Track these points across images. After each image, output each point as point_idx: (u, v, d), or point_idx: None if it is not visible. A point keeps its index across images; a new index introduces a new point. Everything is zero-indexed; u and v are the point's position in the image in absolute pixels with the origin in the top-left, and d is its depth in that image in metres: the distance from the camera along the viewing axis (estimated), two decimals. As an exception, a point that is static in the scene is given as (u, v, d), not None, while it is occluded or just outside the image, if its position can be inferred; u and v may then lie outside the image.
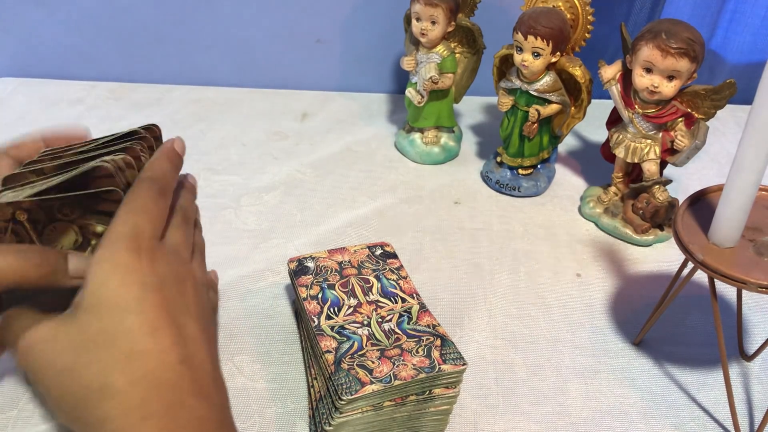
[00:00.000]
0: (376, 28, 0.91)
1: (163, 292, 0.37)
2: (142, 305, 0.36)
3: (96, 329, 0.35)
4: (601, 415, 0.52)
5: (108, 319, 0.36)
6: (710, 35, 0.88)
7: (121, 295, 0.36)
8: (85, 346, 0.35)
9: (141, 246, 0.37)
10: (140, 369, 0.35)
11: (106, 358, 0.35)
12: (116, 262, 0.36)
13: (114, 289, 0.36)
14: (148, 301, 0.36)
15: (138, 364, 0.35)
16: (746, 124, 0.42)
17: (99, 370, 0.35)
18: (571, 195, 0.77)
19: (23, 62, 0.95)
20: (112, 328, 0.35)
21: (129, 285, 0.36)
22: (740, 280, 0.44)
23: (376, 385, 0.44)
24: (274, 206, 0.73)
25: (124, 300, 0.36)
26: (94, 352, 0.35)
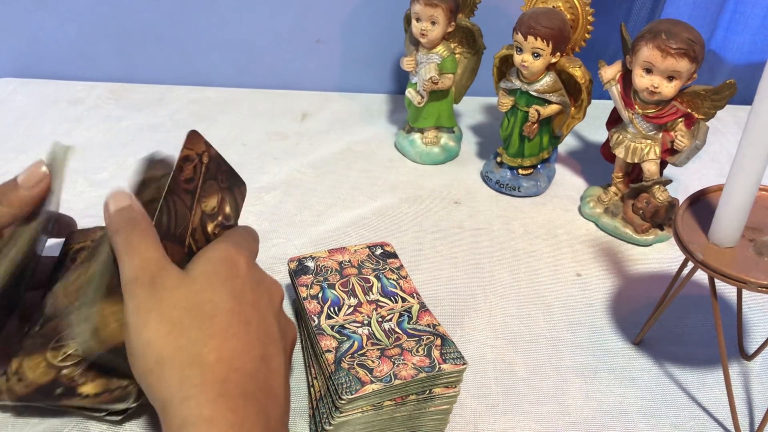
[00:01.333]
0: (376, 28, 0.91)
1: (256, 294, 0.42)
2: (240, 295, 0.41)
3: (206, 297, 0.40)
4: (601, 415, 0.52)
5: (217, 295, 0.40)
6: (710, 35, 0.88)
7: (230, 280, 0.41)
8: (194, 307, 0.39)
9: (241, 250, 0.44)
10: (230, 349, 0.38)
11: (207, 327, 0.39)
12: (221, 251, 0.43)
13: (225, 273, 0.41)
14: (246, 295, 0.41)
15: (230, 345, 0.38)
16: (746, 124, 0.42)
17: (197, 337, 0.38)
18: (571, 195, 0.77)
19: (23, 62, 0.95)
20: (217, 304, 0.40)
21: (235, 276, 0.42)
22: (740, 279, 0.44)
23: (377, 384, 0.44)
24: (274, 206, 0.73)
25: (231, 285, 0.41)
26: (198, 318, 0.39)
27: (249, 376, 0.38)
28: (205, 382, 0.37)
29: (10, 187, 0.45)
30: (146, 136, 0.83)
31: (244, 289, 0.41)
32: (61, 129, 0.84)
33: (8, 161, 0.77)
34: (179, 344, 0.38)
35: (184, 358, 0.37)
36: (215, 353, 0.38)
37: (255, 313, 0.41)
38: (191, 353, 0.38)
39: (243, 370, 0.38)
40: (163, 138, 0.83)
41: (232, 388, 0.37)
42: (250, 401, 0.38)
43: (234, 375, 0.38)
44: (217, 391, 0.37)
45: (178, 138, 0.52)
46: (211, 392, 0.37)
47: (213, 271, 0.41)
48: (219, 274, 0.41)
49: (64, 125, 0.85)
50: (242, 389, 0.38)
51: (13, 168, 0.76)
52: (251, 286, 0.42)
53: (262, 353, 0.40)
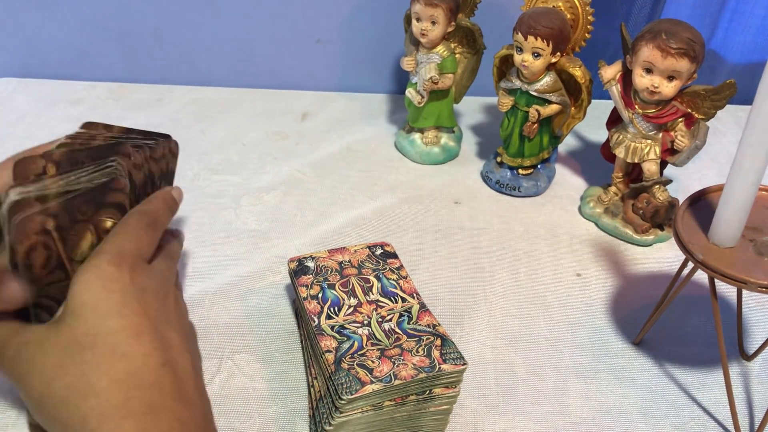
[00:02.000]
0: (376, 28, 0.91)
1: (145, 301, 0.39)
2: (124, 310, 0.38)
3: (81, 331, 0.37)
4: (601, 415, 0.52)
5: (91, 322, 0.37)
6: (710, 35, 0.88)
7: (104, 300, 0.37)
8: (69, 347, 0.37)
9: (123, 260, 0.39)
10: (122, 369, 0.36)
11: (89, 358, 0.36)
12: (99, 272, 0.38)
13: (96, 294, 0.37)
14: (129, 307, 0.38)
15: (120, 365, 0.36)
16: (746, 124, 0.42)
17: (82, 370, 0.36)
18: (571, 195, 0.77)
19: (23, 62, 0.95)
20: (95, 330, 0.37)
21: (111, 291, 0.38)
22: (740, 279, 0.44)
23: (376, 384, 0.44)
24: (274, 206, 0.73)
25: (107, 304, 0.37)
26: (78, 353, 0.36)
27: (153, 388, 0.36)
28: (104, 410, 0.35)
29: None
30: (146, 136, 0.83)
31: (125, 302, 0.38)
32: (61, 129, 0.84)
33: (8, 161, 0.77)
34: (66, 383, 0.36)
35: (76, 394, 0.36)
36: (105, 378, 0.36)
37: (145, 321, 0.38)
38: (81, 387, 0.36)
39: (144, 385, 0.36)
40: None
41: (136, 407, 0.35)
42: (160, 414, 0.36)
43: (135, 392, 0.36)
44: (119, 414, 0.35)
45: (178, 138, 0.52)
46: (114, 418, 0.35)
47: (81, 303, 0.38)
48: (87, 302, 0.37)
49: (64, 125, 0.85)
50: (148, 404, 0.36)
51: (13, 168, 0.76)
52: (135, 295, 0.39)
53: (162, 360, 0.38)
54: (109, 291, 0.38)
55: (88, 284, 0.38)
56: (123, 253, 0.40)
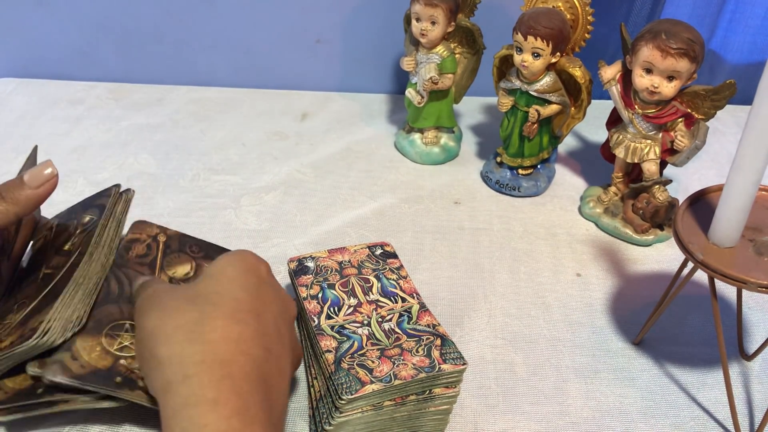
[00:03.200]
0: (376, 28, 0.91)
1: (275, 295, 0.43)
2: (255, 292, 0.41)
3: (212, 289, 0.40)
4: (601, 415, 0.52)
5: (225, 286, 0.40)
6: (710, 35, 0.88)
7: (242, 277, 0.41)
8: (196, 297, 0.39)
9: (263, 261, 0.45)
10: (235, 332, 0.37)
11: (211, 311, 0.38)
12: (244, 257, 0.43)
13: (237, 271, 0.41)
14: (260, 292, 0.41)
15: (235, 328, 0.37)
16: (746, 124, 0.42)
17: (199, 316, 0.37)
18: (571, 195, 0.77)
19: (23, 62, 0.95)
20: (225, 293, 0.39)
21: (250, 274, 0.42)
22: (740, 279, 0.44)
23: (376, 384, 0.44)
24: (274, 206, 0.73)
25: (243, 280, 0.41)
26: (202, 303, 0.38)
27: (256, 362, 0.36)
28: (207, 360, 0.35)
29: (15, 184, 0.45)
30: (146, 136, 0.83)
31: (259, 287, 0.41)
32: (61, 129, 0.84)
33: (8, 161, 0.77)
34: (178, 323, 0.37)
35: (183, 335, 0.36)
36: (219, 332, 0.36)
37: (268, 310, 0.40)
38: (192, 330, 0.36)
39: (250, 354, 0.36)
40: (163, 138, 0.83)
41: (237, 371, 0.35)
42: (255, 388, 0.35)
43: (240, 357, 0.36)
44: (221, 371, 0.34)
45: (178, 138, 0.53)
46: (215, 371, 0.34)
47: (221, 271, 0.41)
48: (227, 273, 0.41)
49: (64, 125, 0.85)
50: (247, 373, 0.35)
51: (13, 168, 0.76)
52: (267, 288, 0.42)
53: (270, 346, 0.38)
54: (249, 273, 0.42)
55: (232, 261, 0.42)
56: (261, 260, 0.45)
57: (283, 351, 0.40)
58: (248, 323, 0.38)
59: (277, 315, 0.42)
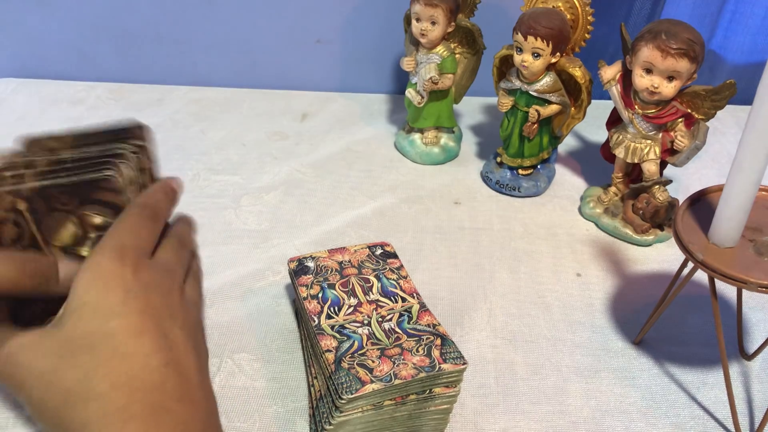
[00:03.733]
0: (376, 28, 0.91)
1: (148, 298, 0.37)
2: (125, 309, 0.36)
3: (79, 333, 0.36)
4: (601, 415, 0.52)
5: (91, 323, 0.36)
6: (710, 35, 0.88)
7: (104, 300, 0.36)
8: (68, 349, 0.35)
9: (125, 256, 0.38)
10: (123, 372, 0.35)
11: (89, 361, 0.35)
12: (100, 270, 0.37)
13: (97, 294, 0.36)
14: (131, 306, 0.36)
15: (121, 367, 0.35)
16: (746, 124, 0.43)
17: (81, 373, 0.35)
18: (571, 195, 0.77)
19: (23, 62, 0.95)
20: (95, 331, 0.36)
21: (112, 290, 0.36)
22: (740, 279, 0.44)
23: (377, 384, 0.44)
24: (274, 206, 0.73)
25: (108, 304, 0.36)
26: (77, 356, 0.35)
27: (155, 389, 0.35)
28: (107, 414, 0.34)
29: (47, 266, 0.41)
30: (146, 136, 0.83)
31: (126, 301, 0.37)
32: (61, 129, 0.84)
33: (8, 161, 0.77)
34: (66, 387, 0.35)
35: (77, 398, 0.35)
36: (106, 381, 0.35)
37: (147, 320, 0.37)
38: (81, 391, 0.35)
39: (146, 387, 0.35)
40: (163, 138, 0.82)
41: (139, 410, 0.34)
42: (163, 416, 0.35)
43: (137, 395, 0.35)
44: (122, 418, 0.34)
45: (178, 138, 0.53)
46: (116, 422, 0.34)
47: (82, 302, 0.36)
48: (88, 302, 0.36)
49: (64, 125, 0.84)
50: (151, 406, 0.35)
51: (13, 168, 0.75)
52: (137, 292, 0.37)
53: (165, 360, 0.36)
54: (109, 289, 0.36)
55: (88, 283, 0.37)
56: (124, 248, 0.38)
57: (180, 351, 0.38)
58: (131, 354, 0.36)
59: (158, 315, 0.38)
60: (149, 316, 0.37)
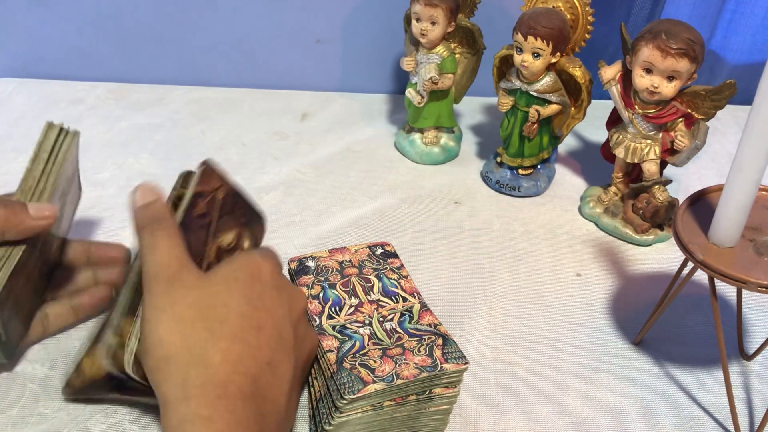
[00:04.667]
0: (376, 28, 0.91)
1: (278, 299, 0.43)
2: (257, 302, 0.42)
3: (222, 300, 0.41)
4: (601, 415, 0.52)
5: (233, 297, 0.41)
6: (710, 35, 0.89)
7: (248, 286, 0.42)
8: (210, 309, 0.40)
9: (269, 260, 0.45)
10: (236, 352, 0.39)
11: (218, 329, 0.40)
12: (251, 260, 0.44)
13: (244, 277, 0.43)
14: (262, 300, 0.42)
15: (236, 348, 0.39)
16: (746, 124, 0.43)
17: (205, 338, 0.39)
18: (571, 195, 0.77)
19: (23, 62, 0.95)
20: (231, 308, 0.41)
21: (254, 281, 0.43)
22: (740, 279, 0.44)
23: (379, 384, 0.44)
24: (274, 206, 0.73)
25: (248, 290, 0.42)
26: (212, 319, 0.40)
27: (251, 379, 0.39)
28: (207, 383, 0.38)
29: (20, 209, 0.47)
30: (146, 136, 0.83)
31: (262, 294, 0.42)
32: (61, 129, 0.84)
33: (8, 161, 0.77)
34: (187, 344, 0.39)
35: (189, 357, 0.38)
36: (220, 355, 0.39)
37: (269, 318, 0.42)
38: (197, 354, 0.39)
39: (246, 374, 0.39)
40: (163, 138, 0.83)
41: (233, 390, 0.38)
42: (248, 403, 0.38)
43: (236, 377, 0.38)
44: (217, 392, 0.37)
45: (178, 138, 0.53)
46: (212, 393, 0.37)
47: (233, 276, 0.42)
48: (238, 279, 0.42)
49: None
50: (242, 391, 0.38)
51: (13, 168, 0.76)
52: (270, 292, 0.43)
53: (269, 358, 0.41)
54: (253, 280, 0.43)
55: (239, 266, 0.43)
56: (270, 256, 0.46)
57: (283, 357, 0.42)
58: (248, 341, 0.40)
59: (280, 319, 0.43)
60: (273, 316, 0.42)
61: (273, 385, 0.40)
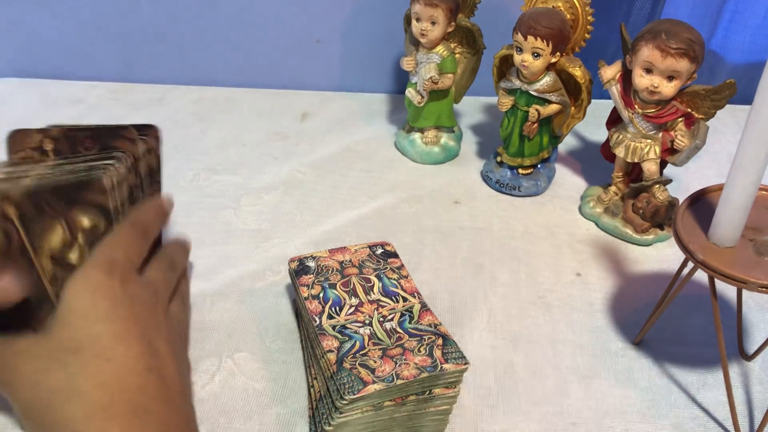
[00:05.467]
0: (376, 28, 0.91)
1: (134, 308, 0.39)
2: (112, 316, 0.38)
3: (67, 336, 0.37)
4: (601, 415, 0.52)
5: (78, 327, 0.37)
6: (710, 35, 0.88)
7: (92, 306, 0.38)
8: (56, 352, 0.37)
9: (114, 269, 0.40)
10: (108, 373, 0.37)
11: (75, 362, 0.37)
12: (89, 280, 0.39)
13: (85, 301, 0.38)
14: (118, 313, 0.38)
15: (106, 368, 0.37)
16: (746, 124, 0.43)
17: (67, 373, 0.36)
18: (571, 195, 0.77)
19: (23, 62, 0.95)
20: (82, 335, 0.37)
21: (101, 299, 0.38)
22: (740, 279, 0.44)
23: (379, 384, 0.44)
24: (274, 206, 0.73)
25: (95, 310, 0.38)
26: (64, 358, 0.37)
27: (138, 391, 0.37)
28: (89, 412, 0.36)
29: None
30: (146, 136, 0.83)
31: (114, 309, 0.38)
32: (61, 129, 0.84)
33: (8, 161, 0.77)
34: (52, 388, 0.36)
35: (61, 398, 0.36)
36: (91, 381, 0.36)
37: (132, 327, 0.39)
38: (66, 389, 0.36)
39: (129, 388, 0.37)
40: (163, 138, 0.83)
41: (121, 409, 0.36)
42: (144, 416, 0.36)
43: (120, 395, 0.36)
44: (104, 416, 0.35)
45: (178, 138, 0.53)
46: (99, 419, 0.35)
47: (70, 309, 0.38)
48: (77, 309, 0.38)
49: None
50: (133, 407, 0.36)
51: (13, 168, 0.76)
52: (123, 301, 0.39)
53: (148, 365, 0.38)
54: (98, 298, 0.38)
55: (77, 292, 0.38)
56: (114, 261, 0.40)
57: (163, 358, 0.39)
58: (116, 358, 0.37)
59: (144, 324, 0.40)
60: (134, 324, 0.39)
61: (164, 388, 0.38)
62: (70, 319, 0.38)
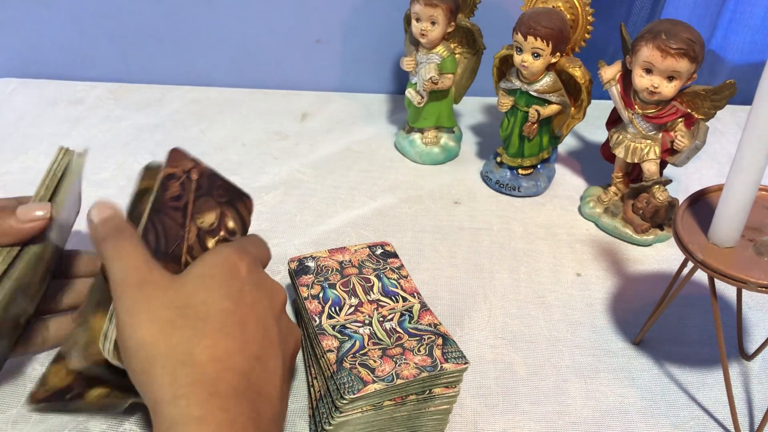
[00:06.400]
0: (376, 28, 0.91)
1: (258, 297, 0.42)
2: (240, 298, 0.41)
3: (200, 299, 0.40)
4: (601, 415, 0.52)
5: (212, 295, 0.40)
6: (710, 35, 0.89)
7: (226, 282, 0.41)
8: (187, 308, 0.39)
9: (246, 256, 0.44)
10: (222, 349, 0.38)
11: (200, 327, 0.39)
12: (227, 257, 0.43)
13: (222, 274, 0.42)
14: (245, 297, 0.41)
15: (222, 344, 0.38)
16: (746, 124, 0.43)
17: (188, 336, 0.38)
18: (571, 195, 0.77)
19: (23, 62, 0.95)
20: (212, 306, 0.40)
21: (235, 277, 0.42)
22: (740, 279, 0.44)
23: (379, 384, 0.44)
24: (274, 206, 0.73)
25: (227, 287, 0.41)
26: (192, 318, 0.39)
27: (242, 374, 0.38)
28: (197, 382, 0.37)
29: (7, 213, 0.45)
30: (146, 136, 0.83)
31: (242, 290, 0.41)
32: (61, 129, 0.84)
33: (8, 161, 0.77)
34: (171, 343, 0.38)
35: (175, 357, 0.37)
36: (207, 352, 0.38)
37: (252, 314, 0.41)
38: (183, 352, 0.37)
39: (236, 369, 0.38)
40: (163, 138, 0.83)
41: (224, 387, 0.37)
42: (242, 399, 0.37)
43: (226, 374, 0.37)
44: (208, 390, 0.36)
45: (178, 138, 0.53)
46: (202, 392, 0.36)
47: (209, 274, 0.41)
48: (215, 276, 0.41)
49: (64, 125, 0.85)
50: (234, 388, 0.37)
51: (13, 168, 0.76)
52: (250, 288, 0.42)
53: (257, 353, 0.40)
54: (230, 276, 0.42)
55: (216, 262, 0.42)
56: (246, 250, 0.45)
57: (271, 351, 0.41)
58: (234, 336, 0.39)
59: (263, 314, 0.42)
60: (255, 311, 0.41)
61: (265, 380, 0.40)
62: (208, 282, 0.41)
